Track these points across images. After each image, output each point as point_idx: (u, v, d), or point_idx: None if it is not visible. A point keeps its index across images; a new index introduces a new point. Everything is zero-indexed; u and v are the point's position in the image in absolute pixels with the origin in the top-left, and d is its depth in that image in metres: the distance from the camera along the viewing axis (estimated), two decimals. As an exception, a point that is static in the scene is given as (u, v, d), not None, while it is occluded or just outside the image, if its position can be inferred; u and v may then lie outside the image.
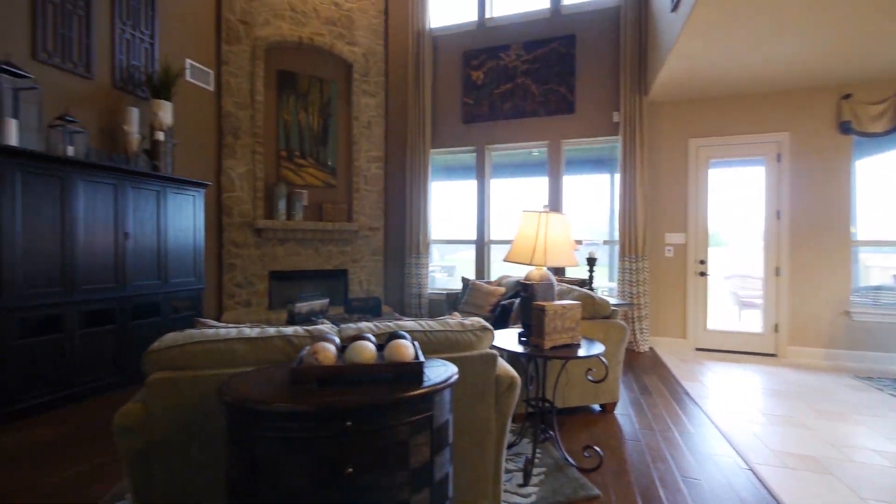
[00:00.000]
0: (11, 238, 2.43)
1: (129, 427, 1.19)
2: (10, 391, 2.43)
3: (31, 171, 2.52)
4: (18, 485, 1.82)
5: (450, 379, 1.13)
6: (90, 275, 2.84)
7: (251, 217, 4.54)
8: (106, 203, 2.94)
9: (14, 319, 2.44)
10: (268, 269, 4.66)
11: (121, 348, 3.03)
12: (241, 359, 1.31)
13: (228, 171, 4.46)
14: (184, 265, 3.54)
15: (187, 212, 3.58)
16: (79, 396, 2.76)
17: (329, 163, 5.04)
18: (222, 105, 4.44)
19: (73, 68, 3.15)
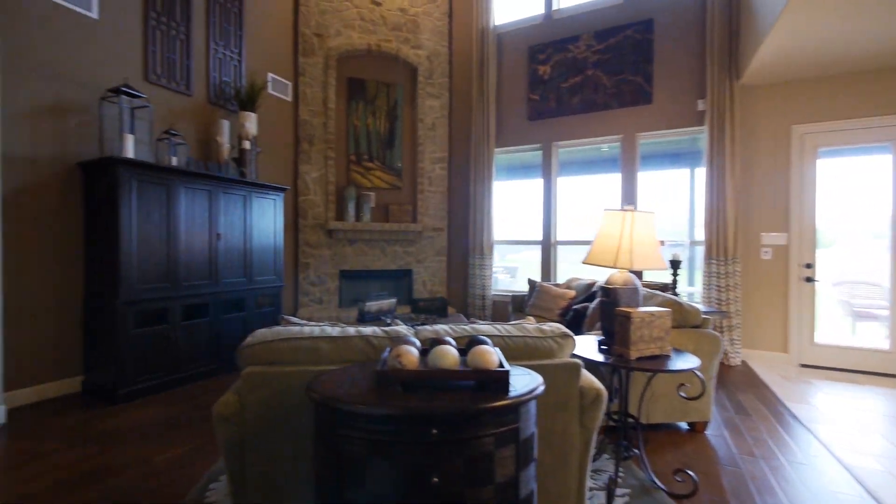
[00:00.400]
0: (129, 239, 2.77)
1: (226, 417, 1.27)
2: (129, 374, 2.76)
3: (144, 179, 2.85)
4: (133, 459, 2.05)
5: (536, 389, 1.06)
6: (189, 272, 3.15)
7: (323, 219, 4.79)
8: (202, 207, 3.24)
9: (131, 312, 2.78)
10: (338, 268, 4.88)
11: (214, 339, 3.33)
12: (325, 357, 1.34)
13: (304, 175, 4.74)
14: (265, 264, 3.81)
15: (268, 214, 3.84)
16: (182, 381, 3.08)
17: (395, 165, 5.17)
18: (299, 114, 4.73)
19: (177, 87, 3.52)
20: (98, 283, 2.86)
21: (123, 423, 2.44)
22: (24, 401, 2.66)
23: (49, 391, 2.78)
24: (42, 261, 2.75)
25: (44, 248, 2.76)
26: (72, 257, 2.90)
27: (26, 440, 2.21)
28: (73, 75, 2.89)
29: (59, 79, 2.81)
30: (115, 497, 1.73)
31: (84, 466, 1.96)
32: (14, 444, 2.17)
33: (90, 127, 2.97)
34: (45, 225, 2.77)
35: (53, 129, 2.79)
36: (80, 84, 2.92)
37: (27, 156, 2.68)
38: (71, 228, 2.89)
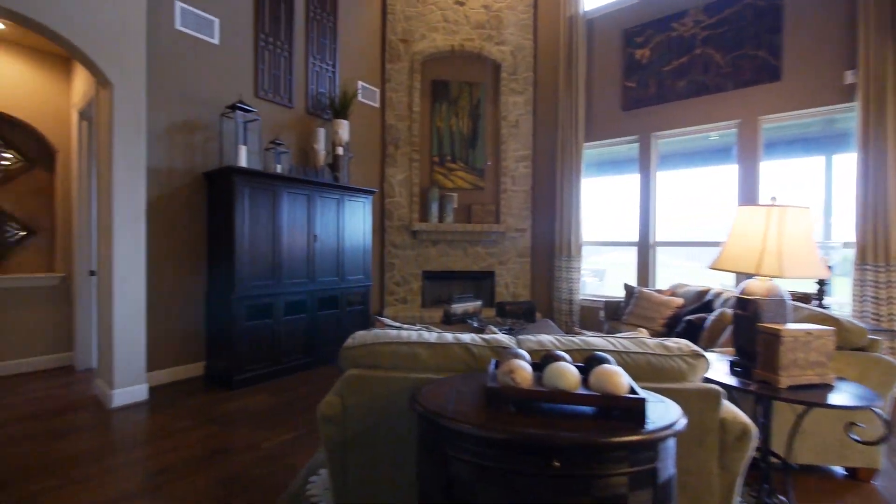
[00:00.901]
0: (242, 240, 3.05)
1: (329, 418, 1.27)
2: (240, 363, 3.05)
3: (254, 185, 3.12)
4: (241, 443, 2.22)
5: (676, 423, 0.88)
6: (290, 271, 3.39)
7: (408, 220, 4.88)
8: (301, 210, 3.47)
9: (243, 306, 3.06)
10: (421, 268, 4.95)
11: (310, 334, 3.55)
12: (423, 363, 1.29)
13: (390, 178, 4.88)
14: (355, 264, 3.97)
15: (358, 216, 4.01)
16: (283, 372, 3.32)
17: (478, 165, 5.09)
18: (385, 119, 4.89)
19: (280, 101, 3.82)
20: (217, 279, 3.20)
21: (236, 408, 2.68)
22: (161, 381, 3.07)
23: (179, 374, 3.18)
24: (174, 259, 3.15)
25: (176, 248, 3.16)
26: (197, 256, 3.28)
27: (163, 416, 2.53)
28: (199, 96, 3.27)
29: (188, 100, 3.20)
30: (230, 479, 1.87)
31: (207, 445, 2.17)
32: (154, 418, 2.49)
33: (213, 141, 3.35)
34: (177, 228, 3.16)
35: (184, 144, 3.19)
36: (205, 103, 3.30)
37: (164, 168, 3.08)
38: (197, 231, 3.28)
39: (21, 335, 3.30)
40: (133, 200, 2.72)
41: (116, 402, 2.64)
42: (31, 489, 1.76)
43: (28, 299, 3.33)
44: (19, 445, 2.14)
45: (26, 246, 3.43)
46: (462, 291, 5.17)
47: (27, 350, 3.33)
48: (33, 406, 2.65)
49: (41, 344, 3.39)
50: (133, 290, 2.72)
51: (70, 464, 1.97)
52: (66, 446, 2.14)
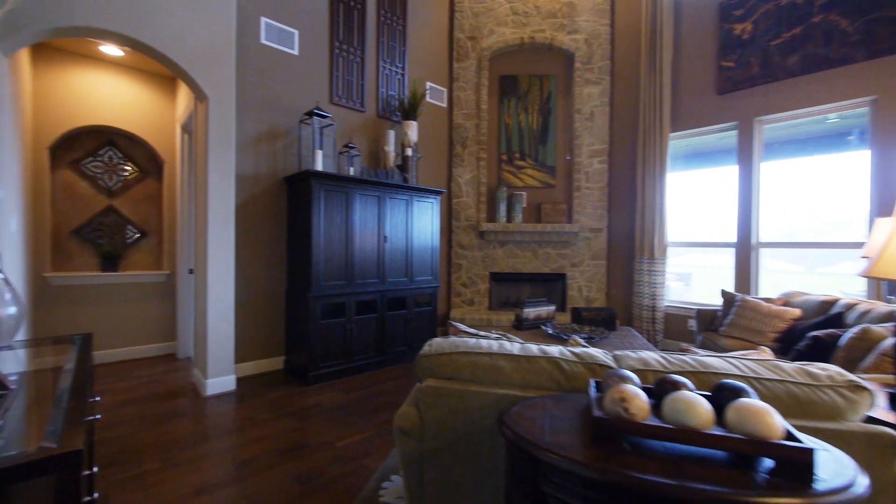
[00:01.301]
0: (318, 241, 3.16)
1: (405, 430, 1.20)
2: (315, 360, 3.16)
3: (329, 188, 3.22)
4: (317, 439, 2.26)
5: (854, 484, 0.66)
6: (362, 271, 3.46)
7: (475, 220, 4.79)
8: (372, 211, 3.53)
9: (319, 305, 3.17)
10: (489, 270, 4.82)
11: (380, 334, 3.59)
12: (506, 378, 1.17)
13: (457, 178, 4.82)
14: (424, 265, 3.96)
15: (427, 217, 3.99)
16: (355, 370, 3.40)
17: (548, 162, 4.85)
18: (453, 118, 4.84)
19: (353, 105, 3.93)
20: (295, 278, 3.36)
21: (311, 403, 2.76)
22: (247, 372, 3.29)
23: (263, 366, 3.38)
24: (258, 259, 3.35)
25: (259, 249, 3.36)
26: (278, 256, 3.47)
27: (248, 407, 2.68)
28: (280, 105, 3.46)
29: (270, 109, 3.40)
30: (307, 476, 1.90)
31: (286, 439, 2.24)
32: (241, 409, 2.65)
33: (292, 147, 3.52)
34: (261, 230, 3.37)
35: (267, 151, 3.39)
36: (285, 111, 3.48)
37: (250, 174, 3.30)
38: (278, 233, 3.47)
39: (134, 325, 3.74)
40: (224, 205, 2.93)
41: (210, 391, 2.86)
42: (137, 469, 1.93)
43: (140, 294, 3.77)
44: (130, 426, 2.38)
45: (140, 246, 3.88)
46: (531, 294, 4.95)
47: (139, 338, 3.76)
48: (142, 390, 2.96)
49: (150, 334, 3.82)
50: (224, 288, 2.93)
51: (170, 447, 2.14)
52: (167, 430, 2.34)
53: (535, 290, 4.97)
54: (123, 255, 3.78)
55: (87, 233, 3.62)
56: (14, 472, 0.65)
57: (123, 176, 3.80)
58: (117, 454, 2.07)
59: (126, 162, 3.82)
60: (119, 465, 1.97)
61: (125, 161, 3.81)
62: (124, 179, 3.81)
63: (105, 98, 3.58)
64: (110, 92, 3.60)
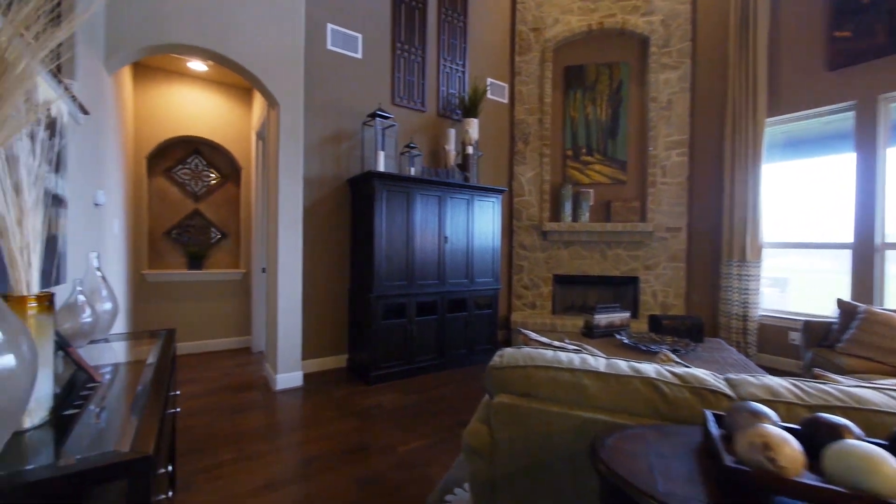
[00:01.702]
0: (380, 242, 3.17)
1: (475, 449, 1.09)
2: (377, 360, 3.17)
3: (391, 188, 3.22)
4: (378, 442, 2.23)
5: None
6: (422, 272, 3.42)
7: (538, 220, 4.57)
8: (432, 211, 3.48)
9: (380, 305, 3.18)
10: (552, 272, 4.58)
11: (440, 336, 3.53)
12: (592, 399, 1.01)
13: (519, 176, 4.64)
14: (484, 266, 3.84)
15: (487, 217, 3.86)
16: (415, 372, 3.36)
17: (618, 156, 4.50)
18: (514, 114, 4.67)
19: (414, 105, 3.92)
20: (357, 278, 3.40)
21: (373, 404, 2.76)
22: (312, 369, 3.39)
23: (327, 363, 3.47)
24: (323, 259, 3.45)
25: (324, 249, 3.45)
26: (342, 256, 3.54)
27: (313, 404, 2.74)
28: (344, 108, 3.53)
29: (335, 113, 3.48)
30: (369, 481, 1.87)
31: (349, 440, 2.24)
32: (307, 405, 2.72)
33: (355, 149, 3.58)
34: (326, 231, 3.46)
35: (332, 154, 3.47)
36: (349, 114, 3.55)
37: (316, 177, 3.40)
38: (342, 234, 3.54)
39: (214, 320, 4.03)
40: (293, 207, 3.03)
41: (279, 386, 2.98)
42: (215, 459, 2.02)
43: (220, 291, 4.06)
44: (209, 415, 2.53)
45: (221, 247, 4.19)
46: (598, 298, 4.63)
47: (218, 332, 4.05)
48: (221, 381, 3.16)
49: (228, 328, 4.10)
50: (292, 287, 3.03)
51: (244, 439, 2.23)
52: (242, 421, 2.45)
53: (603, 294, 4.64)
54: (207, 255, 4.10)
55: (177, 234, 3.97)
56: (85, 475, 0.64)
57: (207, 182, 4.12)
58: (198, 442, 2.19)
59: (209, 169, 4.13)
60: (199, 453, 2.08)
61: (209, 168, 4.13)
62: (208, 185, 4.12)
63: (192, 111, 3.90)
64: (196, 105, 3.92)
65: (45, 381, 0.81)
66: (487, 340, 3.86)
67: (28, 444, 0.74)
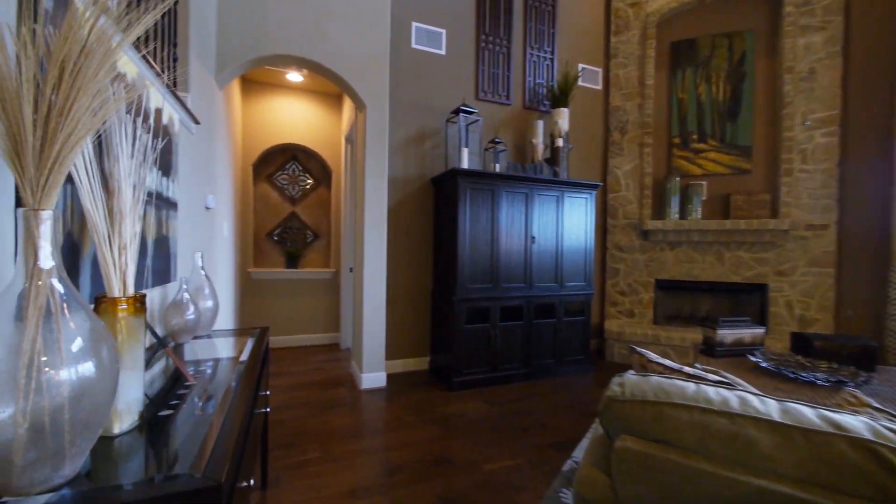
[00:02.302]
0: (463, 242, 3.04)
1: (589, 502, 0.87)
2: (459, 365, 3.04)
3: (475, 186, 3.07)
4: (463, 456, 2.08)
5: None
6: (507, 274, 3.21)
7: (637, 218, 4.08)
8: (519, 210, 3.25)
9: (463, 308, 3.04)
10: (653, 276, 4.05)
11: (525, 343, 3.29)
12: (765, 459, 0.73)
13: (614, 169, 4.19)
14: (575, 269, 3.50)
15: (580, 215, 3.52)
16: (499, 380, 3.17)
17: (739, 141, 3.81)
18: (609, 101, 4.22)
19: (499, 99, 3.73)
20: (440, 279, 3.31)
21: (456, 412, 2.63)
22: (395, 370, 3.38)
23: (409, 365, 3.44)
24: (406, 260, 3.42)
25: (407, 250, 3.42)
26: (425, 257, 3.49)
27: (396, 406, 2.70)
28: (428, 105, 3.47)
29: (419, 111, 3.43)
30: (453, 499, 1.72)
31: (432, 450, 2.13)
32: (390, 406, 2.68)
33: (439, 147, 3.50)
34: (409, 232, 3.43)
35: (416, 153, 3.43)
36: (433, 112, 3.48)
37: (400, 177, 3.38)
38: (424, 234, 3.49)
39: (307, 316, 4.26)
40: (378, 208, 3.04)
41: (364, 385, 3.00)
42: (302, 457, 2.05)
43: (312, 289, 4.28)
44: (299, 410, 2.61)
45: (314, 247, 4.43)
46: (711, 308, 3.98)
47: (310, 328, 4.28)
48: (311, 376, 3.29)
49: (318, 324, 4.31)
50: (377, 287, 3.04)
51: (331, 437, 2.24)
52: (328, 419, 2.49)
53: (718, 303, 3.98)
54: (302, 255, 4.36)
55: (277, 235, 4.28)
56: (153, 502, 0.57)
57: (303, 186, 4.39)
58: (289, 437, 2.25)
59: (305, 174, 4.39)
60: (289, 448, 2.13)
61: (304, 173, 4.39)
62: (303, 189, 4.39)
63: (290, 120, 4.17)
64: (293, 114, 4.18)
65: (134, 385, 0.79)
66: (579, 350, 3.51)
67: (114, 452, 0.71)
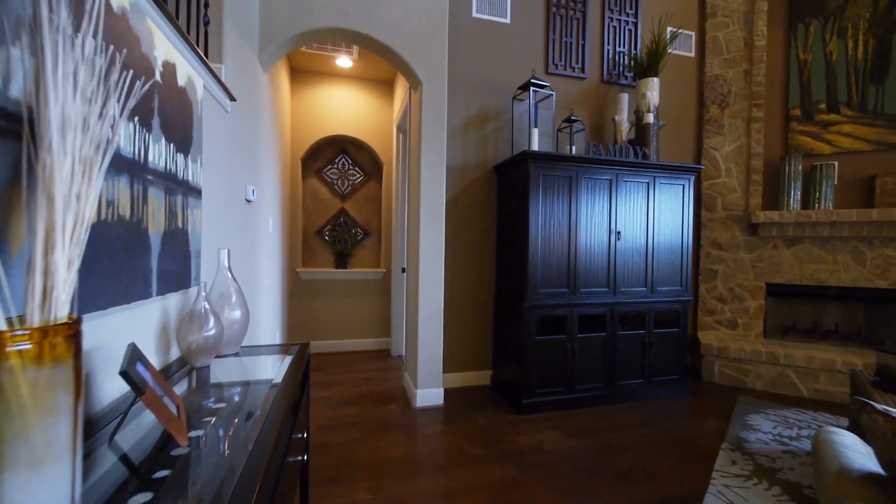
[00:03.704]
0: (535, 238, 2.56)
1: None
2: (530, 384, 2.57)
3: (548, 172, 2.58)
4: None
5: None
6: (586, 277, 2.69)
7: (742, 208, 3.36)
8: (601, 199, 2.72)
9: (534, 317, 2.57)
10: (763, 280, 3.31)
11: (608, 360, 2.75)
12: None
13: (711, 151, 3.50)
14: (669, 271, 2.90)
15: (674, 205, 2.91)
16: (576, 403, 2.67)
17: (886, 109, 2.99)
18: (705, 69, 3.53)
19: (572, 72, 3.20)
20: (505, 282, 2.87)
21: (529, 444, 2.17)
22: (453, 384, 2.98)
23: (469, 379, 3.02)
24: (465, 259, 3.00)
25: (467, 248, 3.01)
26: (486, 256, 3.05)
27: (456, 431, 2.28)
28: (491, 82, 3.03)
29: (480, 89, 3.00)
30: (547, 586, 1.27)
31: (506, 499, 1.69)
32: (449, 431, 2.28)
33: (502, 130, 3.05)
34: (468, 227, 3.01)
35: (476, 137, 3.01)
36: (496, 89, 3.03)
37: (459, 165, 2.97)
38: (486, 230, 3.05)
39: (356, 319, 3.99)
40: (435, 200, 2.65)
41: (419, 402, 2.63)
42: (351, 497, 1.69)
43: (362, 290, 4.00)
44: (347, 431, 2.28)
45: (364, 245, 4.15)
46: (842, 320, 3.19)
47: (359, 332, 4.00)
48: (360, 388, 2.97)
49: (368, 328, 4.02)
50: (434, 290, 2.65)
51: (383, 472, 1.88)
52: (380, 445, 2.13)
53: (850, 314, 3.17)
54: (351, 254, 4.10)
55: (326, 233, 4.04)
56: None
57: (352, 180, 4.12)
58: (335, 467, 1.92)
59: (355, 167, 4.13)
60: (336, 485, 1.78)
61: (354, 167, 4.12)
62: (353, 183, 4.12)
63: (339, 110, 3.91)
64: (343, 104, 3.92)
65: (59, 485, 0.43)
66: (672, 368, 2.91)
67: None
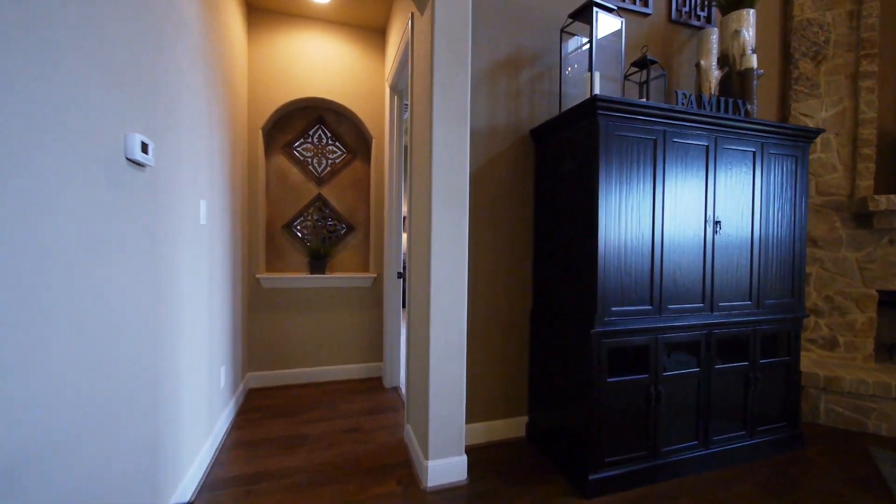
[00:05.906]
0: (604, 228, 1.69)
1: None
2: (600, 449, 1.71)
3: (625, 131, 1.71)
4: None
5: None
6: (675, 288, 1.84)
7: (845, 193, 2.58)
8: (694, 174, 1.86)
9: (605, 350, 1.71)
10: (874, 286, 2.53)
11: (703, 406, 1.91)
12: None
13: (801, 118, 2.70)
14: (779, 277, 2.07)
15: (784, 184, 2.08)
16: (662, 471, 1.81)
17: None
18: (792, 13, 2.73)
19: (633, 4, 2.35)
20: (546, 295, 2.00)
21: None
22: (476, 440, 2.10)
23: (496, 431, 2.14)
24: (490, 261, 2.12)
25: (491, 246, 2.12)
26: (519, 261, 2.18)
27: (500, 545, 1.41)
28: (526, 14, 2.15)
29: (512, 22, 2.12)
30: None
31: None
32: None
33: (541, 80, 2.18)
34: (493, 216, 2.13)
35: (505, 90, 2.13)
36: (533, 24, 2.16)
37: (484, 128, 2.09)
38: (518, 220, 2.17)
39: (337, 339, 3.06)
40: (454, 174, 1.74)
41: (431, 481, 1.73)
42: None
43: (344, 301, 3.08)
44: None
45: (346, 243, 3.23)
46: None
47: (341, 356, 3.07)
48: (341, 447, 2.05)
49: (353, 351, 3.10)
50: (453, 308, 1.75)
51: None
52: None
53: None
54: (331, 254, 3.17)
55: (297, 227, 3.11)
56: None
57: (332, 159, 3.19)
58: None
59: (334, 142, 3.20)
60: None
61: (333, 141, 3.19)
62: (332, 163, 3.19)
63: (314, 65, 2.97)
64: (318, 57, 2.98)
65: None
66: (779, 414, 2.09)
67: None
